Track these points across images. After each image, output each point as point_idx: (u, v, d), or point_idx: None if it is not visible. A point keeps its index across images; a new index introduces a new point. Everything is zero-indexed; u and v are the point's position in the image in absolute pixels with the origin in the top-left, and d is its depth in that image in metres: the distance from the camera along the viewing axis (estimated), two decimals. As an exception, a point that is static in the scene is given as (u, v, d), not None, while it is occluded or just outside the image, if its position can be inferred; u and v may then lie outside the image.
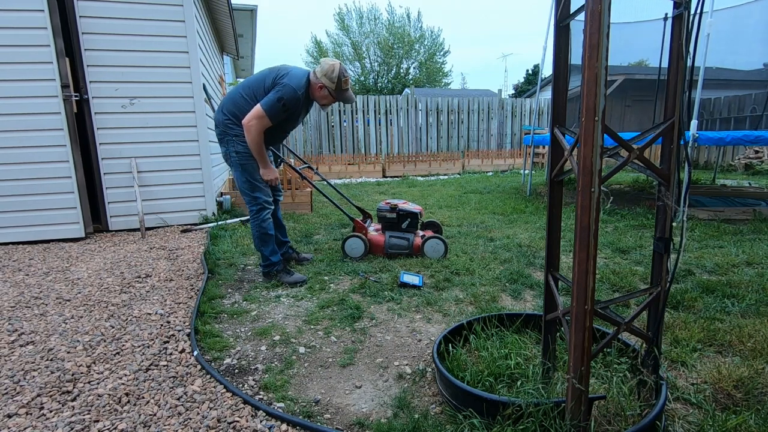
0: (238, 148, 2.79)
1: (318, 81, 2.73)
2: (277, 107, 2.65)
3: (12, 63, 3.83)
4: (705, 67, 4.30)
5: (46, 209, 4.05)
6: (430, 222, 3.77)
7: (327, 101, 2.82)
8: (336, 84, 2.71)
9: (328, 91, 2.74)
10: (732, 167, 10.65)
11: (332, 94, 2.76)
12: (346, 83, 2.76)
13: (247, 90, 2.78)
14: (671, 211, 1.31)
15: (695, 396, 1.58)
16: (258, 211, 2.85)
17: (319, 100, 2.82)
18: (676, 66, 1.25)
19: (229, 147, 2.82)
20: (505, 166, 11.73)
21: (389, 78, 30.78)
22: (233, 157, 2.83)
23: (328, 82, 2.71)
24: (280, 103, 2.65)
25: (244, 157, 2.79)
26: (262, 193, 2.86)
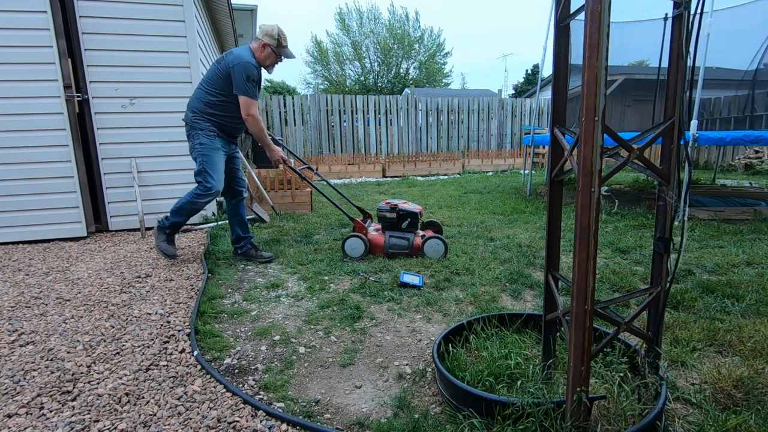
0: (203, 140, 3.05)
1: (260, 41, 3.02)
2: (250, 86, 2.96)
3: (15, 64, 3.83)
4: (705, 67, 4.29)
5: (47, 209, 4.06)
6: (430, 222, 3.77)
7: (271, 60, 3.09)
8: (276, 40, 3.01)
9: (271, 48, 3.03)
10: (732, 167, 10.64)
11: (275, 51, 3.06)
12: (285, 40, 3.07)
13: (207, 85, 3.06)
14: (671, 211, 1.31)
15: (695, 396, 1.57)
16: (201, 195, 3.07)
17: (264, 61, 3.07)
18: (676, 66, 1.25)
19: (194, 140, 3.08)
20: (505, 166, 11.73)
21: (389, 78, 30.78)
22: (197, 149, 3.07)
23: (269, 39, 3.00)
24: (249, 81, 2.95)
25: (207, 148, 3.05)
26: (217, 184, 3.09)
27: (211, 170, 3.07)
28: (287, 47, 3.11)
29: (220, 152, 3.13)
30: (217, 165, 3.09)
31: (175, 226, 3.22)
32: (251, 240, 3.43)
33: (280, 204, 5.32)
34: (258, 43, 3.04)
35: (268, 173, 5.46)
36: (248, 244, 3.41)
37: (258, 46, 3.04)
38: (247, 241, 3.41)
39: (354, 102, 11.70)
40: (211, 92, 3.05)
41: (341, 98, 11.66)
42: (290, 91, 30.77)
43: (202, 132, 3.06)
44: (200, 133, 3.06)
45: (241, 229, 3.40)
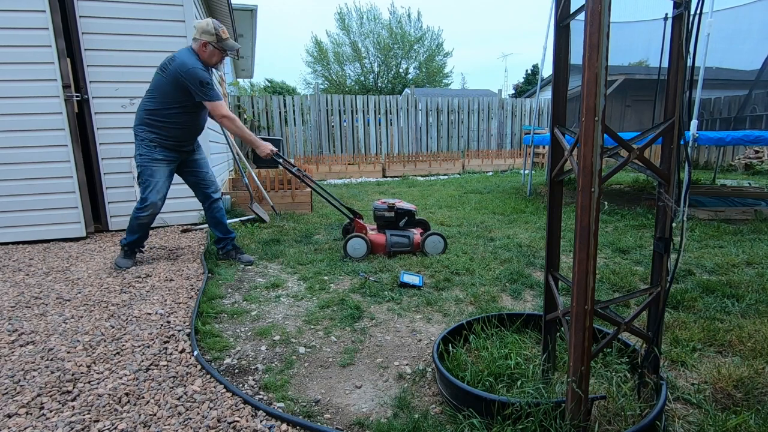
0: (142, 151, 3.04)
1: (200, 41, 2.95)
2: (211, 89, 2.95)
3: (14, 63, 3.82)
4: (705, 67, 4.29)
5: (47, 209, 4.05)
6: (420, 220, 3.79)
7: (216, 57, 3.03)
8: (215, 35, 2.93)
9: (212, 45, 2.96)
10: (732, 167, 10.64)
11: (216, 47, 2.97)
12: (224, 32, 2.97)
13: (151, 94, 3.02)
14: (671, 211, 1.31)
15: (695, 396, 1.57)
16: (140, 209, 3.09)
17: (209, 59, 3.01)
18: (676, 66, 1.25)
19: (136, 151, 3.07)
20: (505, 166, 11.73)
21: (389, 78, 30.77)
22: (137, 160, 3.07)
23: (208, 36, 2.92)
24: (204, 86, 2.92)
25: (145, 159, 3.03)
26: (153, 197, 3.06)
27: (147, 183, 3.05)
28: (228, 39, 3.02)
29: (160, 164, 3.07)
30: (152, 178, 3.05)
31: (131, 245, 3.22)
32: (232, 241, 3.41)
33: (280, 204, 5.32)
34: (198, 43, 2.96)
35: (268, 173, 5.46)
36: (229, 245, 3.39)
37: (199, 47, 2.96)
38: (227, 242, 3.38)
39: (354, 102, 11.70)
40: (155, 101, 2.99)
41: (341, 98, 11.66)
42: (290, 91, 30.77)
43: (142, 143, 3.03)
44: (140, 144, 3.03)
45: (220, 231, 3.37)
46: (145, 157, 3.03)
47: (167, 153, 3.10)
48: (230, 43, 3.03)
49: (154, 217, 3.16)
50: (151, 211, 3.10)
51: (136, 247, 3.27)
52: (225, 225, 3.39)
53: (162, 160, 3.08)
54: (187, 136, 3.16)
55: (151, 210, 3.10)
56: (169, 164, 3.14)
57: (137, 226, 3.14)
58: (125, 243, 3.21)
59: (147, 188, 3.06)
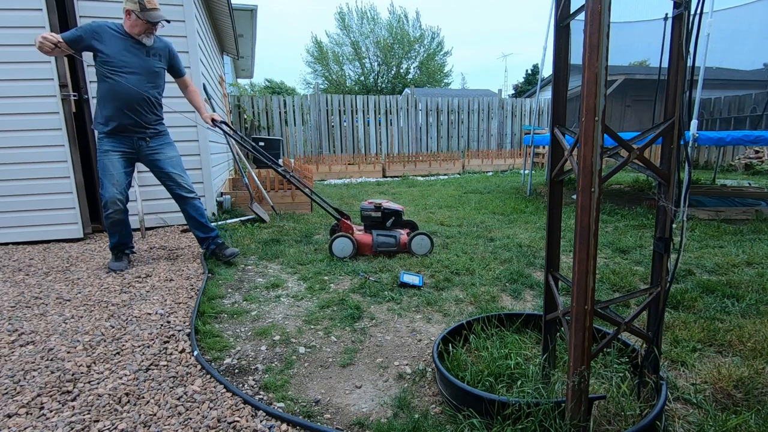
0: (98, 145, 3.03)
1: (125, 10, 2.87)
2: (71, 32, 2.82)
3: (10, 63, 3.82)
4: (705, 67, 4.29)
5: (44, 209, 4.04)
6: (408, 221, 3.79)
7: (139, 28, 2.90)
8: (138, 3, 2.81)
9: (135, 15, 2.84)
10: (732, 167, 10.64)
11: (140, 17, 2.85)
12: (151, 2, 2.85)
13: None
14: (671, 211, 1.31)
15: (695, 396, 1.57)
16: (103, 206, 3.04)
17: (131, 29, 2.90)
18: (676, 66, 1.25)
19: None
20: (505, 166, 11.73)
21: (389, 78, 30.76)
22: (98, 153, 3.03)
23: (131, 5, 2.82)
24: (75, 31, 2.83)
25: (98, 154, 3.00)
26: (108, 192, 2.98)
27: (102, 180, 2.99)
28: (154, 10, 2.86)
29: (110, 156, 2.97)
30: (105, 171, 2.97)
31: (116, 247, 3.17)
32: (216, 239, 3.32)
33: (280, 204, 5.32)
34: (125, 14, 2.88)
35: (268, 173, 5.46)
36: (212, 244, 3.31)
37: (125, 16, 2.88)
38: (209, 241, 3.31)
39: (354, 102, 11.70)
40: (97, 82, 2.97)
41: (341, 98, 11.66)
42: (289, 92, 30.76)
43: (97, 134, 3.00)
44: (97, 136, 3.01)
45: (200, 231, 3.28)
46: (98, 152, 3.00)
47: (114, 143, 2.98)
48: (156, 14, 2.87)
49: (121, 213, 3.05)
50: (112, 208, 2.99)
51: (122, 248, 3.21)
52: (204, 224, 3.27)
53: (110, 151, 2.98)
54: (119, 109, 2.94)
55: (113, 207, 2.99)
56: (121, 155, 3.01)
57: (109, 225, 3.07)
58: (111, 246, 3.19)
59: (102, 185, 2.99)
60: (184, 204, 3.24)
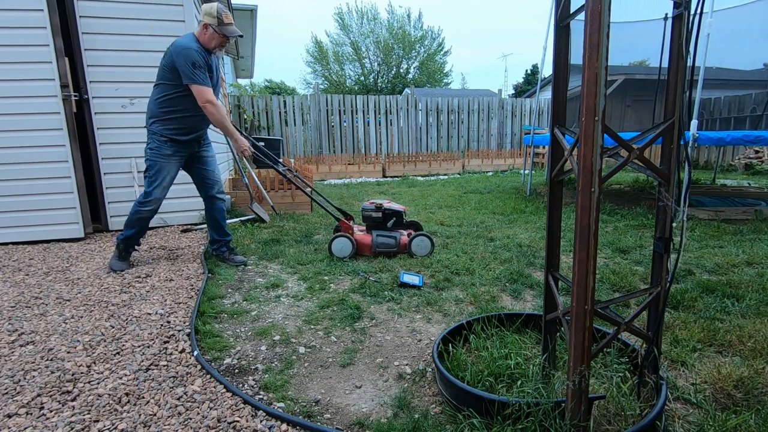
0: (152, 146, 3.01)
1: (201, 24, 2.92)
2: (197, 72, 2.86)
3: (11, 63, 3.82)
4: (705, 67, 4.29)
5: (45, 209, 4.04)
6: (411, 221, 3.80)
7: (216, 42, 2.97)
8: (217, 18, 2.89)
9: (213, 29, 2.91)
10: (732, 167, 10.64)
11: (217, 31, 2.92)
12: (228, 18, 2.93)
13: (157, 81, 2.99)
14: (671, 211, 1.31)
15: (695, 396, 1.57)
16: (143, 203, 3.05)
17: (209, 43, 2.95)
18: (676, 66, 1.25)
19: (147, 144, 3.03)
20: (505, 166, 11.73)
21: (389, 78, 30.76)
22: (146, 154, 3.02)
23: (209, 18, 2.89)
24: (196, 68, 2.85)
25: (155, 154, 3.00)
26: (157, 192, 3.04)
27: (153, 178, 3.01)
28: (230, 25, 2.96)
29: (170, 159, 3.04)
30: (160, 173, 3.01)
31: (128, 240, 3.15)
32: (228, 243, 3.38)
33: (280, 204, 5.32)
34: (200, 25, 2.93)
35: (268, 173, 5.46)
36: (223, 247, 3.36)
37: (200, 29, 2.93)
38: (221, 244, 3.36)
39: (354, 102, 11.70)
40: (159, 88, 2.97)
41: (341, 98, 11.66)
42: (289, 92, 30.75)
43: (153, 136, 3.00)
44: (152, 138, 3.00)
45: (216, 232, 3.34)
46: (154, 151, 2.99)
47: (177, 148, 3.06)
48: (231, 29, 2.97)
49: (154, 213, 3.12)
50: (153, 206, 3.07)
51: (132, 244, 3.20)
52: (223, 227, 3.36)
53: (171, 156, 3.04)
54: (194, 123, 3.08)
55: (154, 205, 3.07)
56: (179, 160, 3.11)
57: (137, 220, 3.08)
58: (122, 238, 3.14)
59: (153, 183, 3.01)
60: (212, 203, 3.30)
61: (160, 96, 2.97)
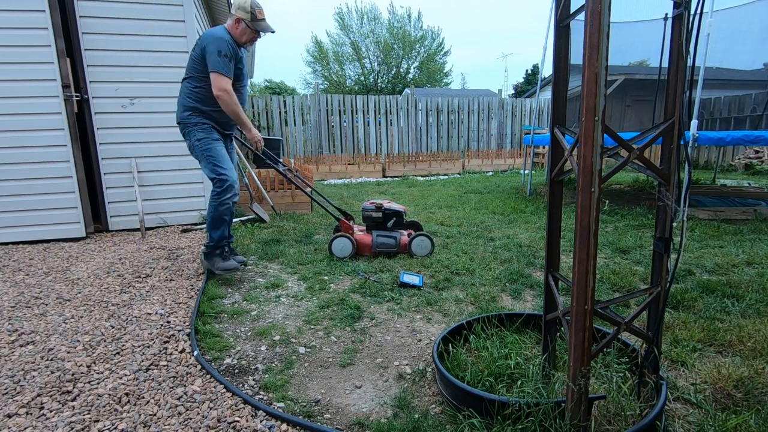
0: (199, 135, 2.89)
1: (234, 17, 2.84)
2: (222, 61, 2.75)
3: (13, 63, 3.83)
4: (705, 67, 4.29)
5: (46, 209, 4.05)
6: (411, 221, 3.80)
7: (247, 36, 2.90)
8: (251, 14, 2.83)
9: (245, 23, 2.84)
10: (732, 167, 10.64)
11: (249, 26, 2.86)
12: (261, 13, 2.88)
13: (189, 80, 2.90)
14: (671, 211, 1.31)
15: (695, 396, 1.57)
16: (221, 192, 2.86)
17: (240, 37, 2.88)
18: (676, 66, 1.25)
19: (191, 138, 2.91)
20: (505, 166, 11.72)
21: (389, 78, 30.75)
22: (196, 146, 2.90)
23: (242, 13, 2.82)
24: (221, 56, 2.74)
25: (206, 142, 2.88)
26: (231, 174, 2.89)
27: (220, 162, 2.87)
28: (263, 20, 2.90)
29: (220, 143, 2.95)
30: (220, 155, 2.89)
31: (220, 240, 2.94)
32: (230, 244, 3.26)
33: (280, 204, 5.32)
34: (232, 19, 2.86)
35: (268, 173, 5.46)
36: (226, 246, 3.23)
37: (232, 23, 2.86)
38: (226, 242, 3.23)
39: (354, 102, 11.69)
40: (194, 82, 2.89)
41: (341, 98, 11.65)
42: (288, 92, 30.75)
43: (195, 127, 2.89)
44: (194, 129, 2.89)
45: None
46: (204, 140, 2.87)
47: (219, 135, 2.97)
48: (264, 24, 2.92)
49: (237, 197, 2.94)
50: (234, 191, 2.90)
51: (225, 240, 2.99)
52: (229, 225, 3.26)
53: (220, 139, 2.96)
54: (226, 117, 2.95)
55: (234, 189, 2.90)
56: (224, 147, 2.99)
57: (222, 213, 2.88)
58: (213, 243, 2.92)
59: (220, 167, 2.85)
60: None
61: (194, 90, 2.89)
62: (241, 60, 2.94)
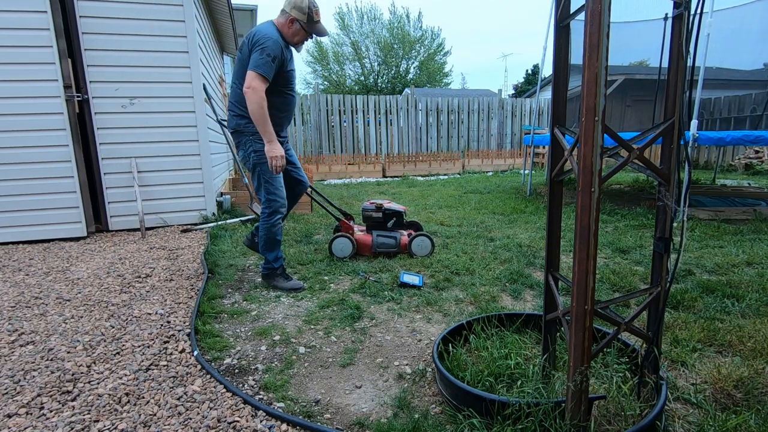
0: (256, 147, 2.64)
1: (287, 16, 2.60)
2: (265, 60, 2.49)
3: (15, 64, 3.83)
4: (705, 67, 4.29)
5: (48, 209, 4.06)
6: (411, 222, 3.80)
7: (300, 37, 2.67)
8: (307, 15, 2.59)
9: (300, 24, 2.61)
10: (732, 167, 10.64)
11: (304, 28, 2.63)
12: (317, 14, 2.64)
13: (239, 80, 2.65)
14: (671, 211, 1.31)
15: (695, 396, 1.57)
16: (270, 214, 2.73)
17: (292, 38, 2.66)
18: (676, 66, 1.25)
19: (248, 148, 2.68)
20: (505, 166, 11.73)
21: (389, 78, 30.73)
22: (252, 157, 2.67)
23: (298, 13, 2.59)
24: (264, 54, 2.49)
25: (262, 155, 2.63)
26: (278, 197, 2.73)
27: (272, 180, 2.70)
28: (319, 22, 2.66)
29: None
30: (273, 177, 2.70)
31: (276, 261, 2.81)
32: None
33: (280, 204, 5.31)
34: (285, 17, 2.61)
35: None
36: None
37: (285, 22, 2.61)
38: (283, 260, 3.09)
39: (354, 102, 11.69)
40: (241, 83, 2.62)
41: (341, 98, 11.65)
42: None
43: (253, 137, 2.63)
44: (251, 139, 2.64)
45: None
46: (261, 153, 2.63)
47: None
48: (320, 27, 2.68)
49: (286, 213, 2.83)
50: (284, 211, 2.78)
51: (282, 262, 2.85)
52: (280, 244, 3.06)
53: None
54: (281, 120, 2.78)
55: (284, 210, 2.78)
56: None
57: (276, 233, 2.76)
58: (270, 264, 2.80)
59: (272, 186, 2.69)
60: (298, 188, 3.06)
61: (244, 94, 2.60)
62: (290, 61, 2.72)
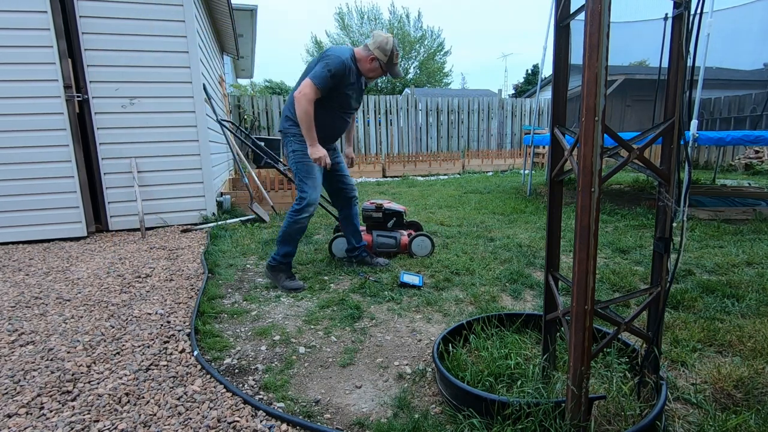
0: (295, 147, 2.79)
1: (370, 53, 2.73)
2: (323, 74, 2.60)
3: (16, 64, 3.84)
4: (705, 67, 4.29)
5: (48, 209, 4.06)
6: (411, 222, 3.80)
7: (375, 74, 2.81)
8: (388, 57, 2.71)
9: (380, 63, 2.74)
10: (732, 167, 10.64)
11: (383, 67, 2.76)
12: (397, 57, 2.76)
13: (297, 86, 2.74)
14: (671, 211, 1.31)
15: (695, 396, 1.57)
16: (298, 210, 2.78)
17: (368, 72, 2.80)
18: (676, 66, 1.25)
19: (288, 148, 2.83)
20: (505, 166, 11.72)
21: (389, 78, 30.71)
22: (290, 157, 2.83)
23: (380, 54, 2.71)
24: (325, 70, 2.61)
25: (299, 155, 2.78)
26: (313, 194, 2.78)
27: (306, 179, 2.77)
28: (397, 65, 2.81)
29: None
30: (310, 173, 2.78)
31: (287, 257, 2.85)
32: (364, 248, 3.24)
33: (280, 204, 5.32)
34: (367, 53, 2.73)
35: (268, 173, 5.47)
36: (362, 252, 3.21)
37: (366, 57, 2.74)
38: (360, 250, 3.21)
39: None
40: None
41: (341, 98, 11.64)
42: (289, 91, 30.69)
43: (294, 138, 2.78)
44: (292, 140, 2.79)
45: (355, 239, 3.19)
46: (298, 153, 2.78)
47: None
48: (397, 69, 2.82)
49: (311, 216, 2.85)
50: (311, 210, 2.81)
51: (290, 260, 2.89)
52: (360, 233, 3.22)
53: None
54: (334, 132, 2.90)
55: (311, 209, 2.81)
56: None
57: (296, 230, 2.81)
58: (281, 255, 2.83)
59: (306, 185, 2.77)
60: (350, 207, 3.15)
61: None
62: (352, 86, 2.78)
